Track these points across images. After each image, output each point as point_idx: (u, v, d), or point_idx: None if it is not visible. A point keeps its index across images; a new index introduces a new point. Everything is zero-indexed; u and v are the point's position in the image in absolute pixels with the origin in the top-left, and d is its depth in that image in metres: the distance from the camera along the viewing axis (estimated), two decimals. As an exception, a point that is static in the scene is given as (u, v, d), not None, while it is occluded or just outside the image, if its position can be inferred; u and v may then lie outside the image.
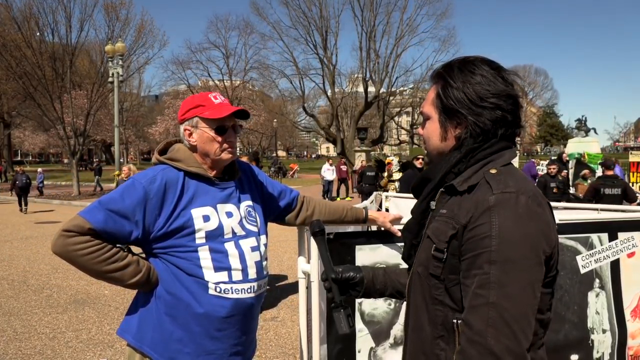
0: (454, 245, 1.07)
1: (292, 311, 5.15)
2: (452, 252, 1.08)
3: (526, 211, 1.03)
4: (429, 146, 1.25)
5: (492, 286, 0.98)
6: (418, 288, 1.17)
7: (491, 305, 0.97)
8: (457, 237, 1.07)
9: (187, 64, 39.54)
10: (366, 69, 35.23)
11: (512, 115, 1.14)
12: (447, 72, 1.17)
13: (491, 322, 0.96)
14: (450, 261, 1.08)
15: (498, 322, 0.96)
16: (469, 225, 1.05)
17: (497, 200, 1.03)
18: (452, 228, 1.08)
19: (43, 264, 7.64)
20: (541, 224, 1.04)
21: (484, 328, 0.97)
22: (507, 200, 1.03)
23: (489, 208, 1.03)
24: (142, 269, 1.60)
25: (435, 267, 1.11)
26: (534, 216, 1.03)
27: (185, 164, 1.65)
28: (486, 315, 0.97)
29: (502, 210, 1.02)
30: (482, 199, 1.05)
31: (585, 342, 2.29)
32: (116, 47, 17.57)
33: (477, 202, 1.06)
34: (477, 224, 1.03)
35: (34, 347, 4.30)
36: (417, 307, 1.18)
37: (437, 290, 1.11)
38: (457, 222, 1.07)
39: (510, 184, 1.06)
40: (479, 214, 1.04)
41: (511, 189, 1.05)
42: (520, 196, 1.04)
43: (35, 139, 46.58)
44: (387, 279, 1.45)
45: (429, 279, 1.13)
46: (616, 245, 2.35)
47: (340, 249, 2.01)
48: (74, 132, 19.87)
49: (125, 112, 43.53)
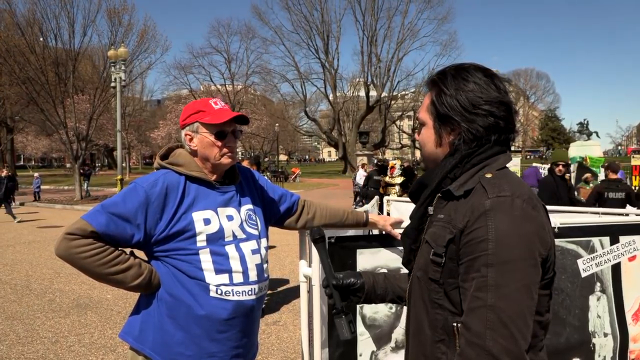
0: (451, 249, 1.09)
1: (294, 315, 5.15)
2: (450, 257, 1.09)
3: (521, 214, 1.04)
4: (425, 152, 1.27)
5: (489, 289, 0.99)
6: (418, 292, 1.19)
7: (489, 307, 0.98)
8: (455, 241, 1.08)
9: (189, 68, 39.82)
10: (367, 73, 35.39)
11: (505, 122, 1.16)
12: (441, 79, 1.20)
13: (489, 324, 0.97)
14: (449, 265, 1.09)
15: (496, 324, 0.97)
16: (465, 230, 1.06)
17: (492, 204, 1.05)
18: (450, 233, 1.09)
19: (46, 268, 7.66)
20: (536, 226, 1.05)
21: (483, 330, 0.98)
22: (503, 203, 1.04)
23: (484, 212, 1.04)
24: (143, 271, 1.61)
25: (434, 271, 1.12)
26: (529, 218, 1.05)
27: (187, 168, 1.67)
28: (484, 317, 0.98)
29: (497, 214, 1.03)
30: (478, 203, 1.07)
31: (586, 346, 2.29)
32: (119, 52, 17.65)
33: (473, 207, 1.07)
34: (474, 228, 1.04)
35: (36, 351, 4.31)
36: (418, 311, 1.19)
37: (437, 294, 1.12)
38: (455, 226, 1.09)
39: (505, 188, 1.08)
40: (475, 218, 1.05)
41: (506, 193, 1.06)
42: (515, 199, 1.05)
43: (38, 143, 46.72)
44: (387, 284, 1.46)
45: (428, 284, 1.14)
46: (617, 249, 2.35)
47: (341, 253, 2.02)
48: (77, 137, 19.92)
49: (128, 116, 43.72)
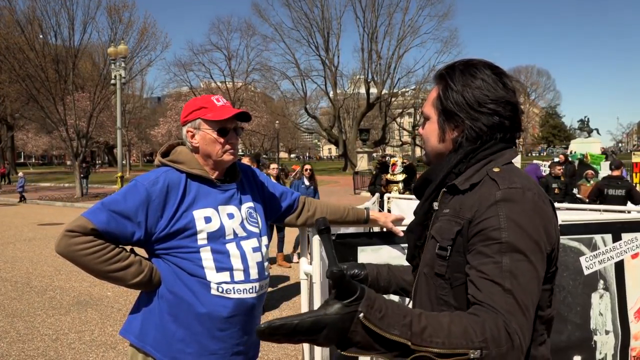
0: (459, 241, 1.07)
1: (294, 312, 5.13)
2: (456, 249, 1.08)
3: (533, 206, 1.03)
4: (428, 147, 1.26)
5: (505, 274, 0.96)
6: (424, 289, 1.17)
7: (507, 291, 0.95)
8: (462, 233, 1.07)
9: (189, 65, 39.76)
10: (368, 70, 35.33)
11: (511, 121, 1.15)
12: (449, 74, 1.18)
13: (508, 307, 0.94)
14: (455, 258, 1.08)
15: (515, 309, 0.94)
16: (474, 220, 1.04)
17: (504, 194, 1.03)
18: (457, 224, 1.08)
19: (46, 265, 7.66)
20: (546, 219, 1.05)
21: (504, 309, 0.93)
22: (514, 194, 1.03)
23: (496, 202, 1.03)
24: (144, 269, 1.61)
25: (440, 265, 1.11)
26: (540, 211, 1.04)
27: (188, 166, 1.67)
28: (504, 300, 0.94)
29: (509, 204, 1.02)
30: (487, 193, 1.05)
31: (588, 343, 2.28)
32: (119, 49, 17.64)
33: (482, 197, 1.06)
34: (484, 218, 1.03)
35: (37, 348, 4.31)
36: (423, 307, 1.17)
37: (443, 290, 1.11)
38: (462, 217, 1.07)
39: (516, 180, 1.07)
40: (485, 207, 1.03)
41: (517, 185, 1.05)
42: (526, 192, 1.04)
43: (38, 141, 46.75)
44: (391, 276, 1.47)
45: (434, 279, 1.13)
46: (620, 247, 2.34)
47: (342, 250, 2.01)
48: (77, 134, 19.92)
49: (128, 114, 43.67)
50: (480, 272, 0.99)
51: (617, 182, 7.11)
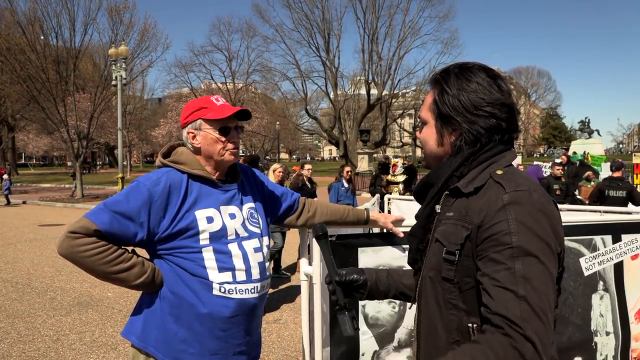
0: (467, 246, 1.07)
1: (295, 313, 5.15)
2: (465, 254, 1.07)
3: (540, 207, 1.04)
4: (426, 151, 1.27)
5: (518, 280, 0.96)
6: (430, 293, 1.16)
7: (521, 298, 0.95)
8: (471, 237, 1.07)
9: (189, 66, 39.73)
10: (368, 71, 35.27)
11: (507, 123, 1.15)
12: (444, 78, 1.19)
13: (524, 314, 0.94)
14: (464, 263, 1.08)
15: (530, 315, 0.94)
16: (483, 225, 1.04)
17: (511, 198, 1.04)
18: (466, 229, 1.08)
19: (47, 266, 7.67)
20: (554, 220, 1.05)
21: (519, 319, 0.94)
22: (521, 197, 1.04)
23: (503, 206, 1.03)
24: (147, 270, 1.61)
25: (448, 270, 1.10)
26: (547, 212, 1.04)
27: (189, 167, 1.67)
28: (518, 307, 0.94)
29: (518, 207, 1.02)
30: (494, 197, 1.06)
31: (588, 345, 2.28)
32: (119, 50, 17.64)
33: (490, 201, 1.06)
34: (494, 222, 1.03)
35: (37, 349, 4.32)
36: (430, 312, 1.17)
37: (451, 294, 1.10)
38: (470, 222, 1.07)
39: (522, 182, 1.07)
40: (493, 212, 1.04)
41: (524, 187, 1.06)
42: (533, 193, 1.05)
43: (39, 141, 46.73)
44: (390, 281, 1.46)
45: (442, 283, 1.12)
46: (620, 247, 2.34)
47: (342, 251, 2.01)
48: (78, 135, 19.92)
49: (129, 114, 43.70)
50: (494, 280, 0.99)
51: (618, 184, 7.11)
